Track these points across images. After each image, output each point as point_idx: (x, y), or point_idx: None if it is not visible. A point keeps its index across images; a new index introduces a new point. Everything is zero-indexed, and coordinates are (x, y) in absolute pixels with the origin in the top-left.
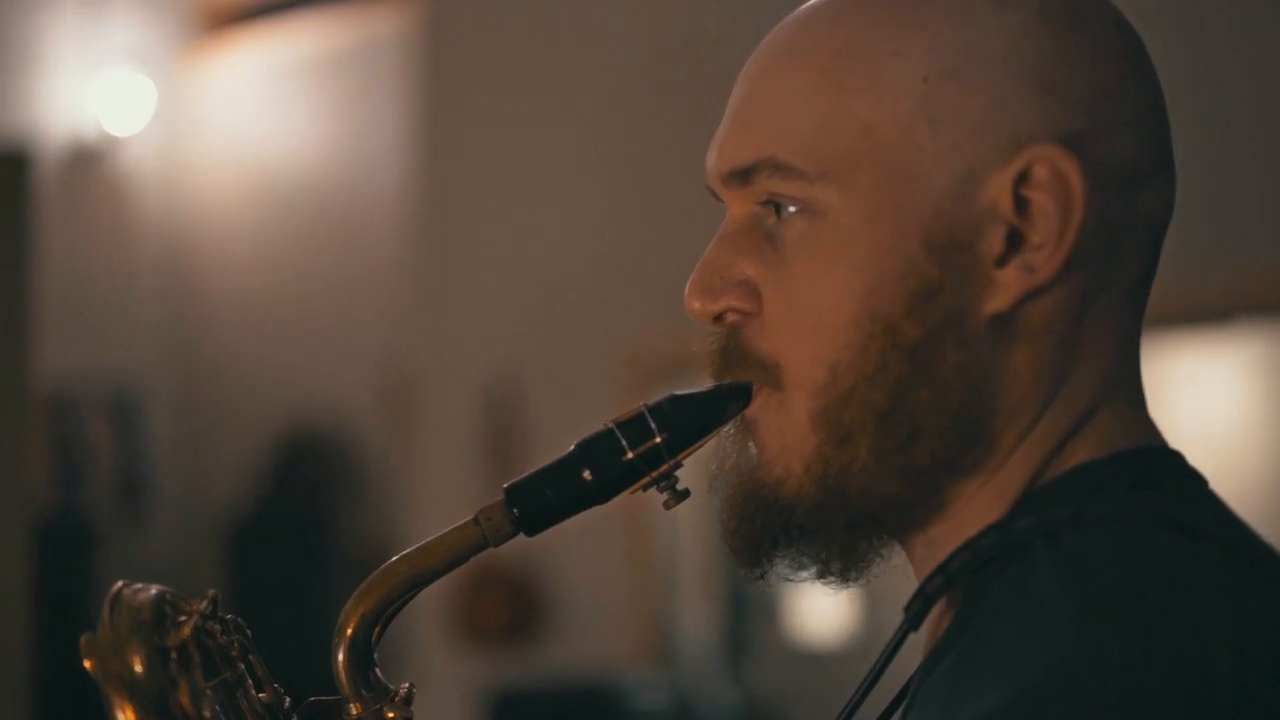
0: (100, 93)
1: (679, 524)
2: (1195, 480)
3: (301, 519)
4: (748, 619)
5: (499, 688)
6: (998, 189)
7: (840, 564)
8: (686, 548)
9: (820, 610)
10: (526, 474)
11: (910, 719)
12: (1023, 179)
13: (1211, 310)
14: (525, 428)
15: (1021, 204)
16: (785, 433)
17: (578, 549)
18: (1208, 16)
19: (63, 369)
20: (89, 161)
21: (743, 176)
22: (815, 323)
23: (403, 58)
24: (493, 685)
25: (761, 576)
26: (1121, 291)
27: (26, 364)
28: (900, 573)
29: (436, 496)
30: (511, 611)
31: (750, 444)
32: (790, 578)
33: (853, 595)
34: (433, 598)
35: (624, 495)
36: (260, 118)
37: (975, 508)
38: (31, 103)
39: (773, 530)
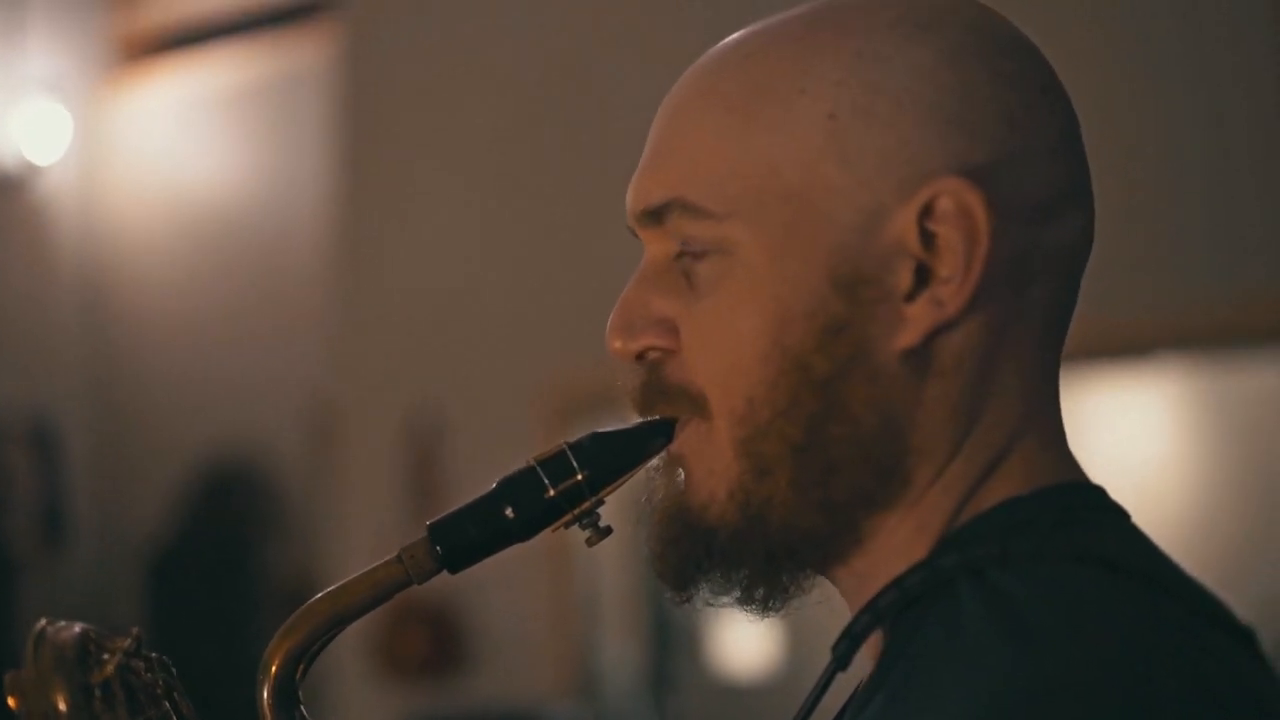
0: (18, 121)
1: (601, 557)
2: (1117, 515)
3: (224, 549)
4: (671, 652)
5: None
6: (904, 223)
7: (761, 592)
8: (609, 580)
9: (743, 644)
10: (449, 511)
11: None
12: (927, 212)
13: (1132, 344)
14: (447, 456)
15: (928, 238)
16: (712, 460)
17: (500, 582)
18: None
19: None
20: (7, 190)
21: (655, 216)
22: (730, 358)
23: (322, 88)
24: (414, 719)
25: (688, 600)
26: (1036, 324)
27: None
28: (824, 606)
29: (359, 526)
30: (433, 644)
31: (677, 473)
32: (713, 603)
33: (777, 629)
34: (354, 631)
35: (546, 532)
36: (180, 147)
37: (896, 543)
38: None
39: (696, 553)
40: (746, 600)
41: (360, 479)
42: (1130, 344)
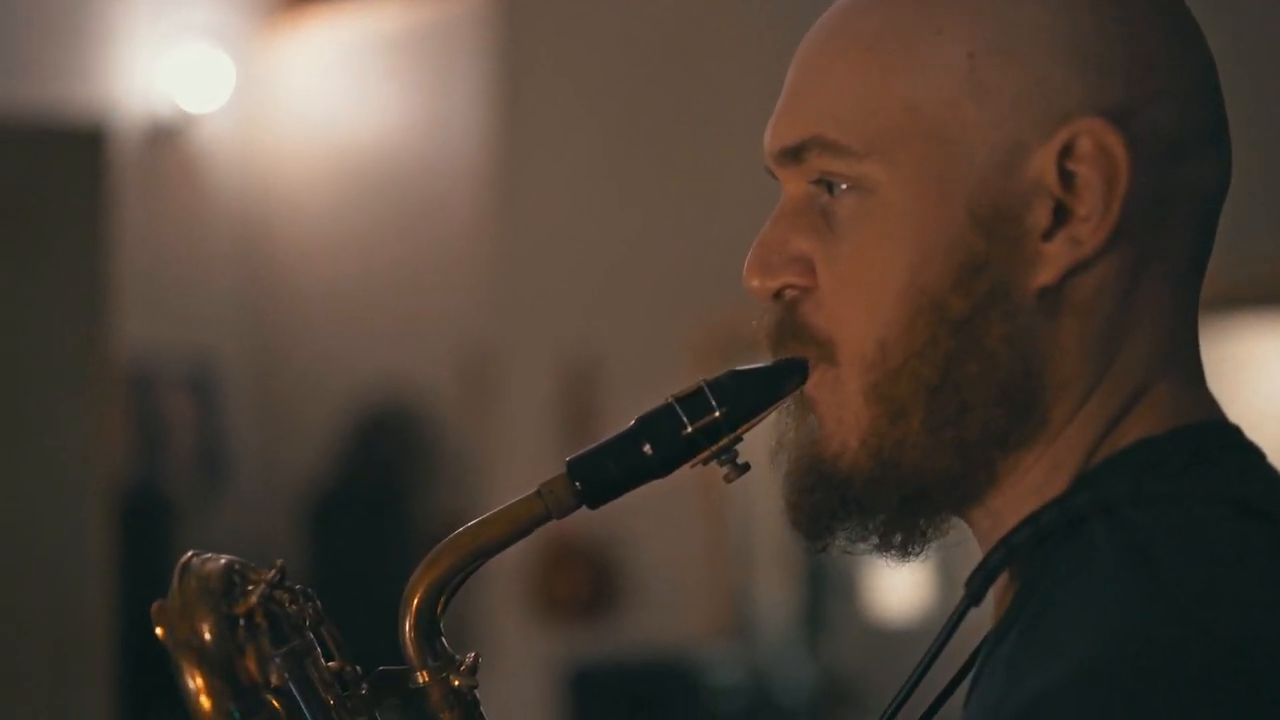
0: (177, 69)
1: (755, 499)
2: (1254, 455)
3: (379, 493)
4: (825, 595)
5: (574, 663)
6: (1043, 163)
7: (899, 537)
8: (763, 523)
9: (898, 587)
10: (588, 448)
11: (976, 693)
12: (1067, 152)
13: (1274, 291)
14: (601, 403)
15: (1067, 177)
16: (841, 408)
17: (654, 524)
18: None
19: (141, 344)
20: (166, 138)
21: (794, 154)
22: (865, 298)
23: (480, 34)
24: (568, 661)
25: (823, 549)
26: (1173, 264)
27: (105, 340)
28: (972, 549)
29: (513, 468)
30: (587, 587)
31: (810, 418)
32: (850, 550)
33: (930, 573)
34: (508, 573)
35: (696, 470)
36: (337, 94)
37: (1031, 481)
38: (109, 79)
39: (831, 503)
40: (884, 547)
41: (514, 421)
42: (1272, 291)
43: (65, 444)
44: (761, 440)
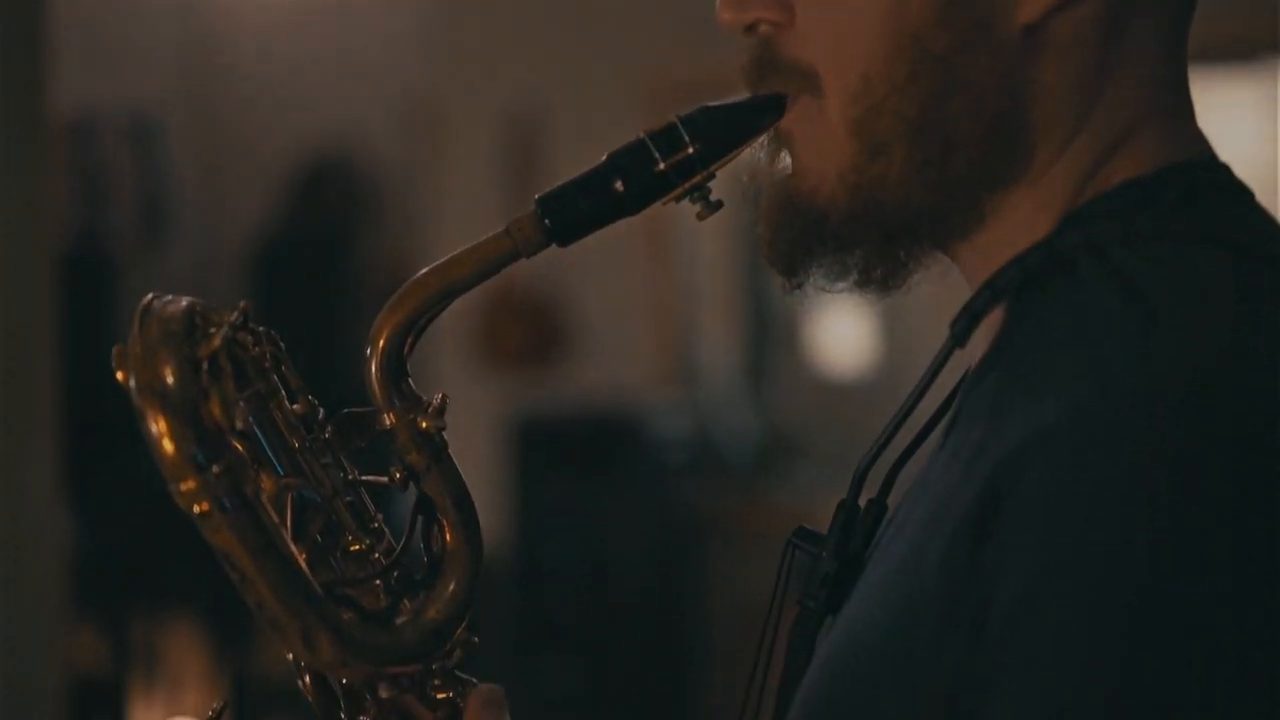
0: None
1: (701, 247)
2: (1243, 194)
3: (323, 244)
4: (769, 346)
5: (518, 415)
6: None
7: (880, 271)
8: (708, 271)
9: (843, 339)
10: (558, 185)
11: (955, 435)
12: None
13: (1239, 47)
14: (547, 152)
15: None
16: (821, 140)
17: (599, 273)
18: None
19: (81, 96)
20: None
21: None
22: (845, 32)
23: None
24: (512, 412)
25: (799, 286)
26: (1158, 4)
27: (44, 92)
28: (925, 310)
29: (458, 222)
30: (531, 336)
31: (784, 154)
32: (828, 288)
33: (876, 326)
34: (454, 324)
35: (642, 219)
36: None
37: (1018, 220)
38: None
39: (808, 239)
40: (864, 282)
41: (459, 171)
42: (1237, 47)
43: (4, 199)
44: (722, 179)
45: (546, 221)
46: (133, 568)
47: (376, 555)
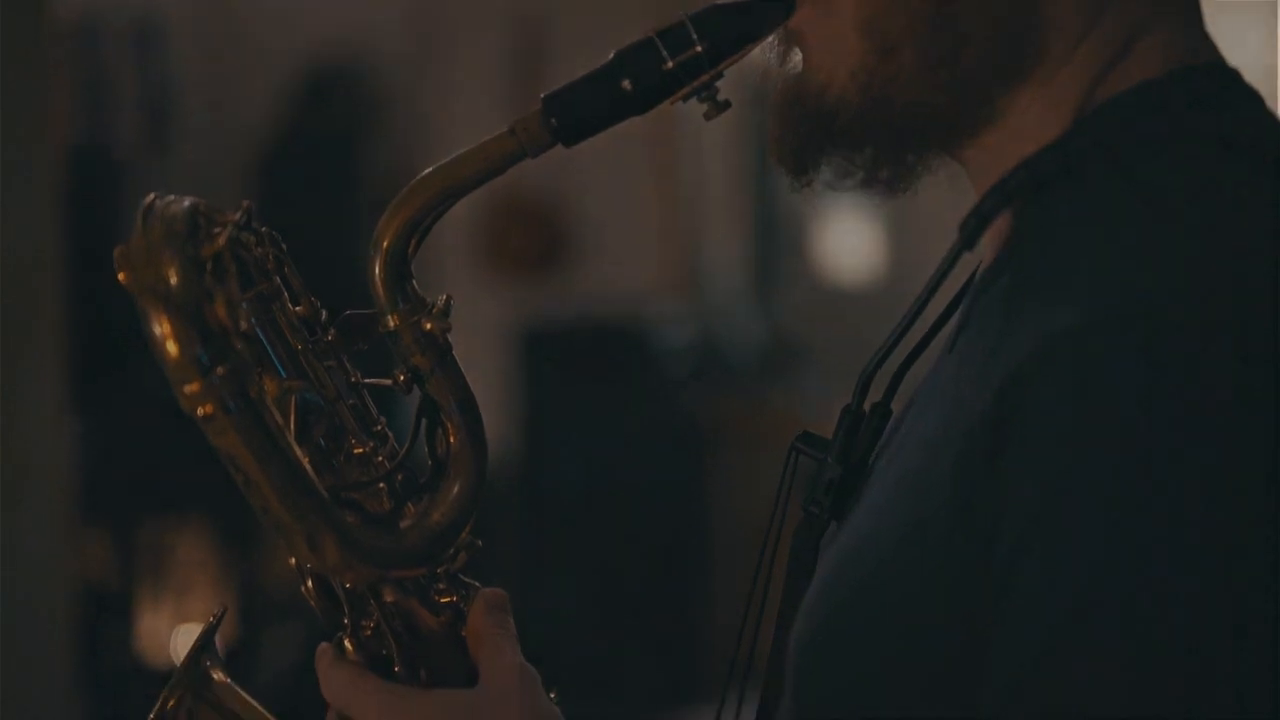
0: None
1: (707, 151)
2: (1253, 100)
3: (328, 146)
4: (775, 251)
5: (523, 320)
6: None
7: (886, 173)
8: (715, 176)
9: (849, 245)
10: (564, 84)
11: (965, 340)
12: None
13: None
14: (554, 53)
15: None
16: (831, 39)
17: (605, 178)
18: None
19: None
20: None
21: None
22: None
23: None
24: (516, 318)
25: (807, 185)
26: None
27: None
28: (932, 218)
29: (464, 124)
30: (536, 242)
31: (795, 53)
32: (835, 186)
33: (882, 233)
34: (457, 229)
35: (648, 121)
36: None
37: (1028, 121)
38: None
39: (816, 137)
40: (870, 182)
41: (465, 73)
42: None
43: (7, 101)
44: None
45: (552, 121)
46: (139, 475)
47: (380, 458)
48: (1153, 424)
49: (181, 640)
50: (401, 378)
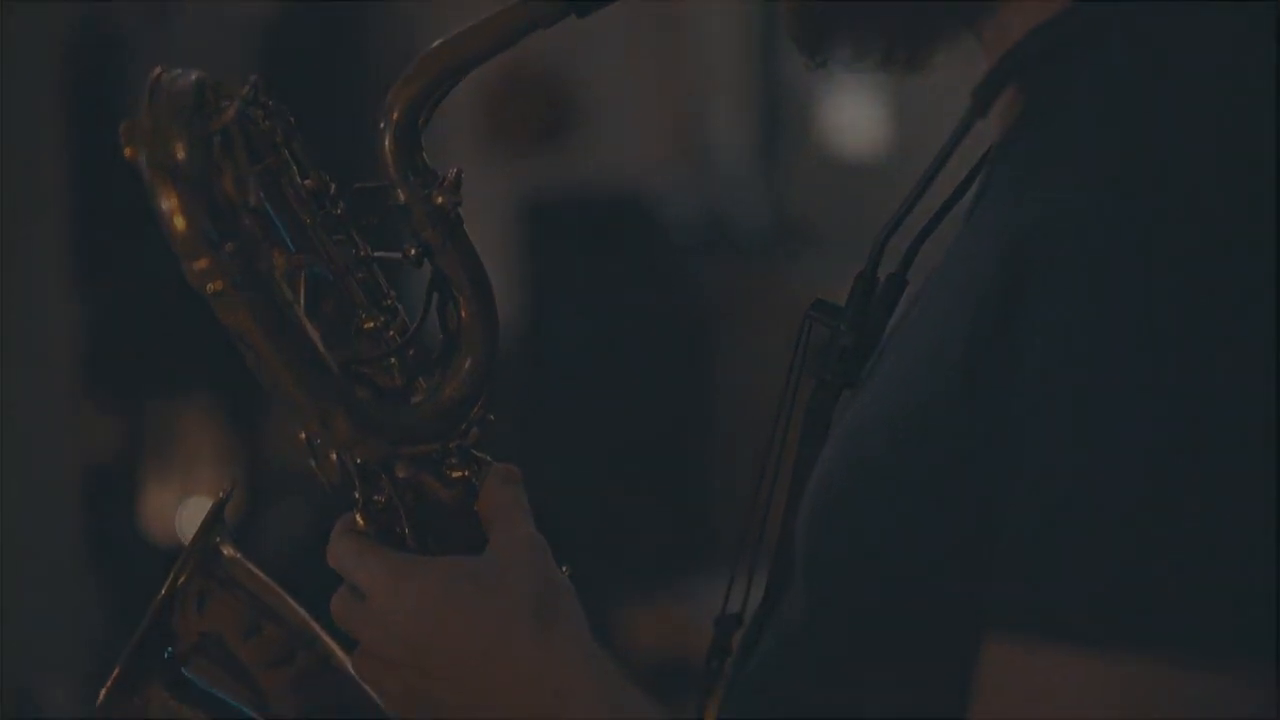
0: None
1: (714, 25)
2: None
3: (336, 19)
4: (781, 126)
5: (529, 195)
6: None
7: (903, 50)
8: (721, 51)
9: (856, 121)
10: None
11: (980, 210)
12: None
13: None
14: None
15: None
16: None
17: (610, 51)
18: None
19: None
20: None
21: None
22: None
23: None
24: (522, 192)
25: (822, 65)
26: None
27: None
28: (942, 93)
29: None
30: (542, 116)
31: None
32: (852, 66)
33: (889, 109)
34: (460, 103)
35: None
36: None
37: None
38: None
39: (831, 15)
40: (887, 61)
41: None
42: None
43: None
44: None
45: None
46: (146, 352)
47: (391, 333)
48: (1167, 293)
49: (187, 515)
50: (412, 251)
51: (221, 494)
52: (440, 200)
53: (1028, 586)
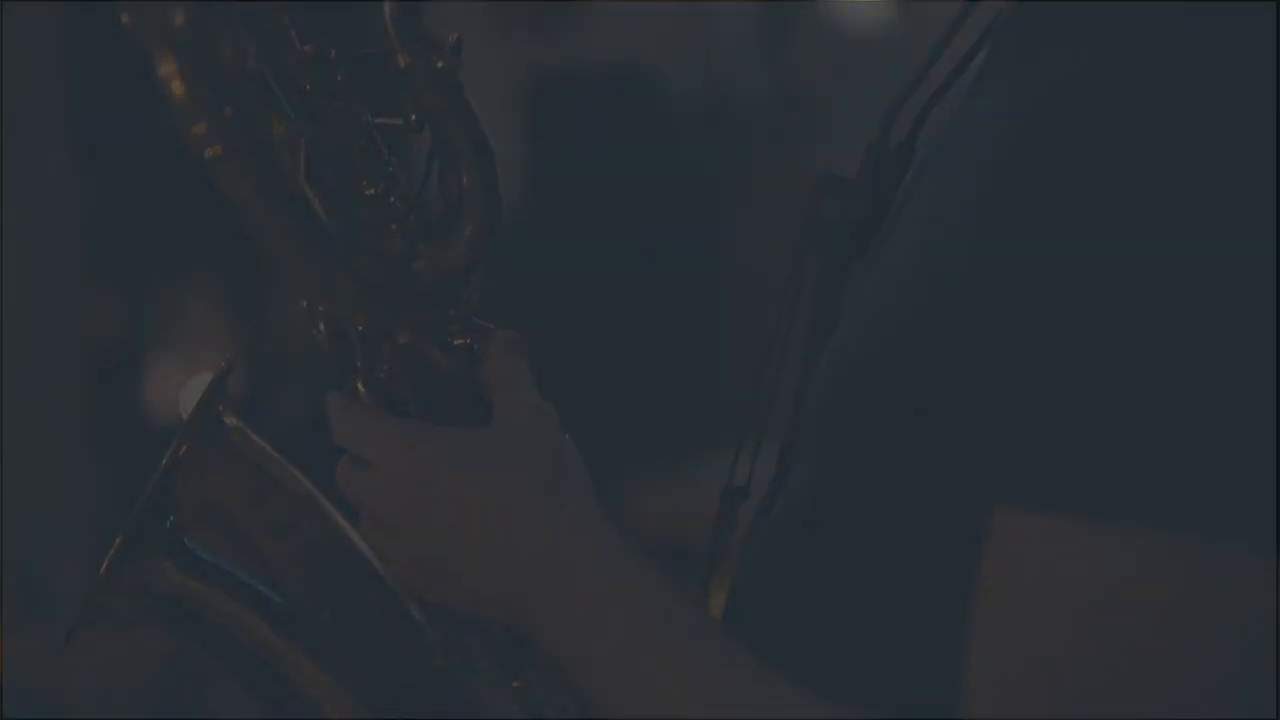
0: None
1: None
2: None
3: None
4: None
5: (531, 70)
6: None
7: None
8: None
9: None
10: None
11: (990, 78)
12: None
13: None
14: None
15: None
16: None
17: None
18: None
19: None
20: None
21: None
22: None
23: None
24: (525, 68)
25: None
26: None
27: None
28: None
29: None
30: None
31: None
32: None
33: None
34: None
35: None
36: None
37: None
38: None
39: None
40: None
41: None
42: None
43: None
44: None
45: None
46: (147, 228)
47: (393, 199)
48: (1181, 168)
49: (189, 393)
50: (413, 117)
51: (224, 363)
52: (441, 65)
53: (1037, 456)
